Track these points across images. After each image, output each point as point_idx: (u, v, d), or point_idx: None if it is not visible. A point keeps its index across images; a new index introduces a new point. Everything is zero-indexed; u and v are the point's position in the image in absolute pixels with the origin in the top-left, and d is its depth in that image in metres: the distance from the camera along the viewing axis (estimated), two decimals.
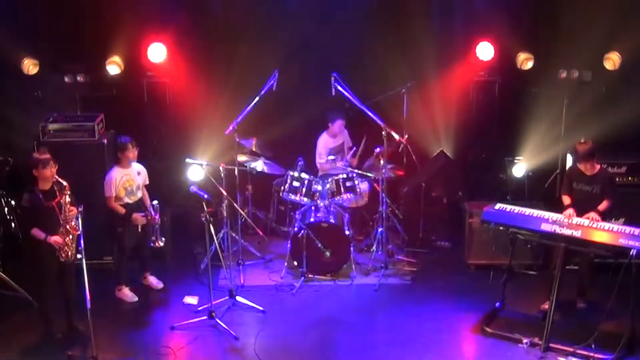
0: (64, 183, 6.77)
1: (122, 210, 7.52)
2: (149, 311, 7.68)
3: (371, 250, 8.63)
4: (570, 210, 6.99)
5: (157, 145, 9.62)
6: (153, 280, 8.02)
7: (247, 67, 9.19)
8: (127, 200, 7.57)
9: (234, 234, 8.44)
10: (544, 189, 9.37)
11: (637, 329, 6.75)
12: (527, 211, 7.12)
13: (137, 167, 7.71)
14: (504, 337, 6.95)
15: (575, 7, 8.95)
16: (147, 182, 7.84)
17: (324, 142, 8.93)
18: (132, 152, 7.56)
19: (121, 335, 7.16)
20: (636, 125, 8.66)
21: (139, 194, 7.70)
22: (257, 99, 8.12)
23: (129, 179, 7.58)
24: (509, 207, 7.25)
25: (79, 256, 6.67)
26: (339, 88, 7.98)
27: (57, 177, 6.77)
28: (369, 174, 8.63)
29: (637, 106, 8.68)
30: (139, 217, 7.52)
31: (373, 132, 8.44)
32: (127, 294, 7.79)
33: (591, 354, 6.58)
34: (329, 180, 8.35)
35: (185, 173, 8.57)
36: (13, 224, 8.46)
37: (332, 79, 7.96)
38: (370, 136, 8.76)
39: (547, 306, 7.00)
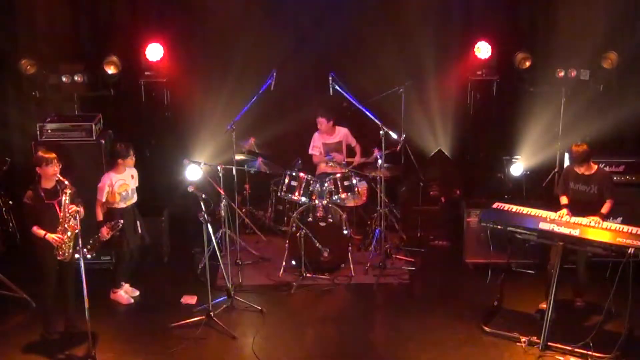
0: (65, 181, 6.79)
1: (100, 217, 7.43)
2: (147, 311, 7.67)
3: (369, 249, 8.63)
4: (564, 211, 7.00)
5: (155, 145, 9.62)
6: (128, 289, 7.91)
7: (245, 66, 9.20)
8: (122, 205, 7.54)
9: (232, 234, 8.44)
10: (541, 187, 9.37)
11: (635, 327, 6.77)
12: (525, 210, 7.13)
13: (130, 170, 7.66)
14: (502, 336, 6.96)
15: (573, 6, 8.96)
16: (137, 184, 7.74)
17: (317, 137, 8.96)
18: (132, 159, 7.55)
19: (119, 335, 7.16)
20: (634, 124, 8.68)
21: (135, 198, 7.68)
22: (255, 98, 8.12)
23: (123, 183, 7.54)
24: (506, 206, 7.26)
25: (77, 256, 6.67)
26: (337, 87, 7.98)
27: (59, 176, 6.79)
28: (367, 174, 8.65)
29: (634, 105, 8.70)
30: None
31: (371, 132, 8.44)
32: (123, 296, 7.78)
33: (589, 353, 6.59)
34: (327, 179, 8.35)
35: (183, 173, 8.58)
36: (11, 224, 8.46)
37: (330, 78, 7.96)
38: (369, 136, 8.77)
39: (545, 305, 7.00)
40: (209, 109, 9.14)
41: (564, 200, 7.24)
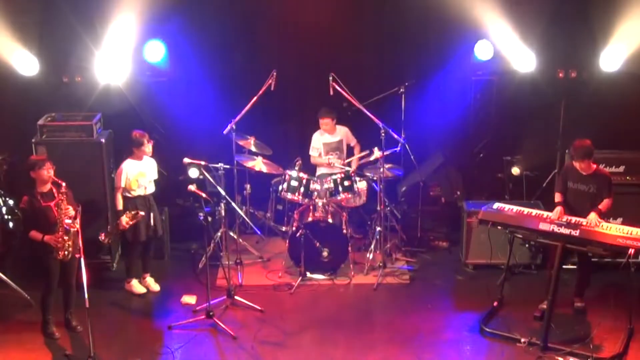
0: (61, 182, 6.79)
1: (120, 206, 7.54)
2: (147, 311, 7.68)
3: (369, 249, 8.62)
4: (558, 208, 7.01)
5: (155, 145, 9.59)
6: (151, 283, 8.01)
7: (245, 66, 9.19)
8: (139, 192, 7.62)
9: (232, 234, 8.44)
10: (542, 188, 9.36)
11: (635, 328, 6.77)
12: (525, 210, 7.13)
13: (150, 161, 7.77)
14: (502, 336, 6.97)
15: (574, 6, 8.96)
16: (156, 177, 7.88)
17: (318, 138, 8.95)
18: (148, 147, 7.66)
19: (119, 334, 7.16)
20: (634, 125, 8.66)
21: (152, 189, 7.73)
22: (255, 98, 8.12)
23: (141, 171, 7.63)
24: (507, 207, 7.26)
25: (77, 256, 6.67)
26: (337, 87, 7.98)
27: (54, 177, 6.78)
28: (367, 174, 8.65)
29: (634, 105, 8.69)
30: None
31: (371, 132, 8.44)
32: (136, 286, 7.85)
33: (589, 354, 6.59)
34: (327, 179, 8.35)
35: (184, 172, 8.59)
36: (11, 224, 8.45)
37: (330, 78, 7.96)
38: (369, 136, 8.77)
39: (545, 306, 7.00)
40: (210, 109, 9.13)
41: (557, 198, 7.25)
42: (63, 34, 8.98)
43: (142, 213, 7.49)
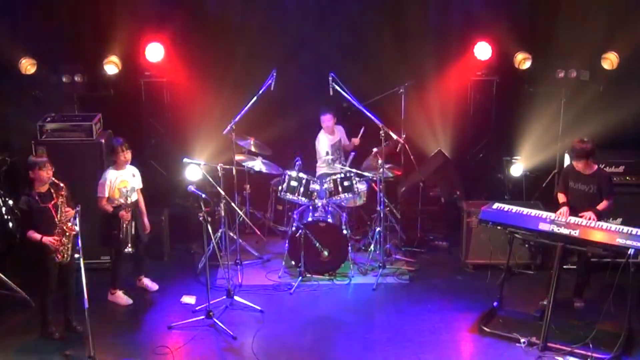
0: (61, 184, 6.78)
1: (110, 209, 7.46)
2: (147, 311, 7.67)
3: (369, 249, 8.62)
4: (564, 208, 7.01)
5: (155, 145, 9.62)
6: (148, 283, 8.00)
7: (245, 66, 9.20)
8: (121, 201, 7.55)
9: (231, 234, 8.44)
10: (541, 188, 9.38)
11: (634, 328, 6.77)
12: (525, 211, 7.13)
13: (131, 169, 7.65)
14: (501, 336, 6.96)
15: (573, 7, 8.97)
16: (141, 186, 7.74)
17: (322, 141, 8.93)
18: (123, 155, 7.45)
19: (119, 335, 7.14)
20: (634, 125, 8.67)
21: (134, 197, 7.66)
22: (255, 98, 8.13)
23: (123, 180, 7.54)
24: (506, 207, 7.26)
25: (76, 256, 6.67)
26: (337, 88, 7.98)
27: (53, 179, 6.77)
28: (367, 174, 8.64)
29: (634, 106, 8.69)
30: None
31: (371, 132, 8.44)
32: (122, 297, 7.76)
33: (589, 354, 6.59)
34: (327, 179, 8.35)
35: (183, 173, 8.59)
36: (10, 224, 8.45)
37: (330, 78, 7.96)
38: (368, 136, 8.78)
39: (545, 302, 7.00)
40: (209, 109, 9.14)
41: (562, 198, 7.25)
42: (63, 33, 8.99)
43: (129, 198, 7.46)
